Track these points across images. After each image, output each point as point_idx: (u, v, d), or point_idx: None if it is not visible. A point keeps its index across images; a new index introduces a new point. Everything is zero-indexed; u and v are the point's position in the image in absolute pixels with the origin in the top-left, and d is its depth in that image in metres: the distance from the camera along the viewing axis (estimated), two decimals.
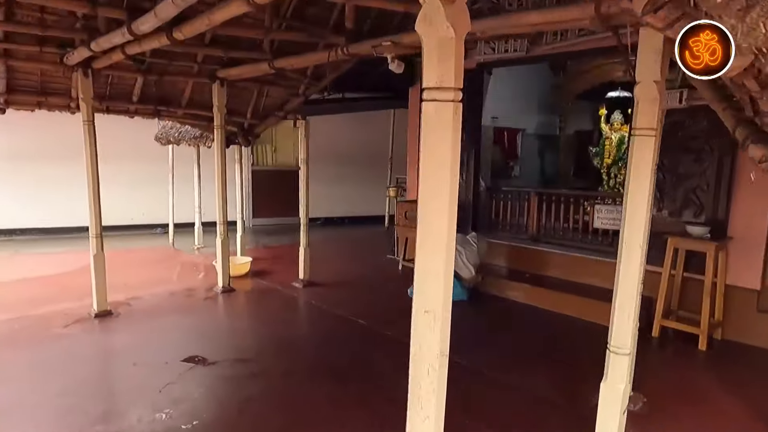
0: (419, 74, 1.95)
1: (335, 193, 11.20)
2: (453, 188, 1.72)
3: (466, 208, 6.66)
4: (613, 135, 7.83)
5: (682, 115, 4.70)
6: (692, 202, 4.70)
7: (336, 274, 6.63)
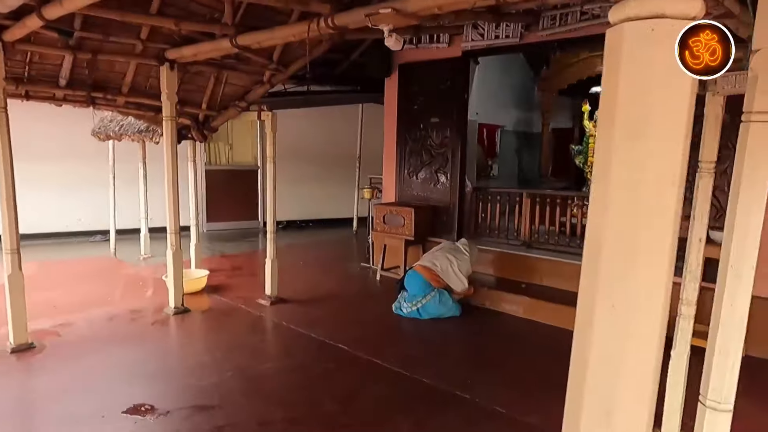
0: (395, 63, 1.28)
1: (298, 194, 10.37)
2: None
3: (450, 211, 6.05)
4: (597, 133, 7.42)
5: None
6: (710, 205, 4.25)
7: (307, 287, 5.86)
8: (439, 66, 5.97)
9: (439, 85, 6.01)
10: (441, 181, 6.10)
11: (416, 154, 6.28)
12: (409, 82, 6.27)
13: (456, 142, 5.92)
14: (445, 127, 6.01)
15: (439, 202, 6.13)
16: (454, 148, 5.94)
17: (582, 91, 7.94)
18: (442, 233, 6.13)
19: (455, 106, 5.89)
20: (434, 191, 6.17)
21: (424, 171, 6.23)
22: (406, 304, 4.86)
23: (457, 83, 5.86)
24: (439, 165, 6.09)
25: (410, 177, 6.38)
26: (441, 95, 6.00)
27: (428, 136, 6.16)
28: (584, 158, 7.60)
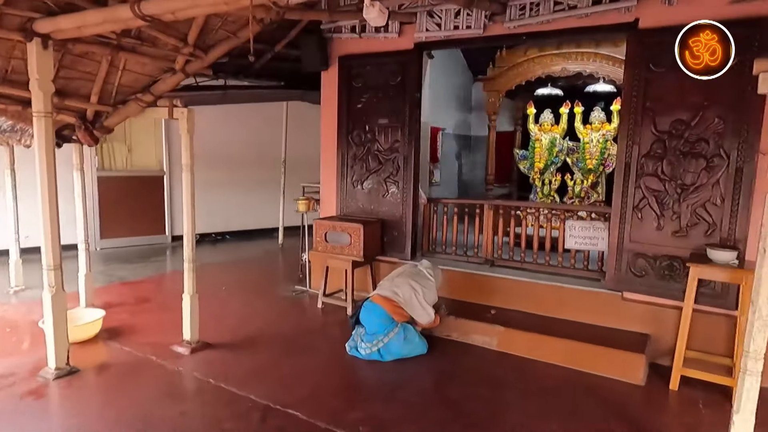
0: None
1: (213, 202, 9.08)
2: None
3: (402, 226, 5.28)
4: (543, 137, 7.06)
5: (688, 111, 3.85)
6: (702, 220, 3.87)
7: (234, 324, 4.79)
8: (388, 59, 5.17)
9: (387, 81, 5.21)
10: (391, 192, 5.31)
11: (361, 160, 5.44)
12: (351, 77, 5.41)
13: (408, 146, 5.17)
14: (395, 129, 5.23)
15: (389, 215, 5.34)
16: (406, 154, 5.18)
17: (523, 93, 7.56)
18: (393, 251, 5.35)
19: (406, 105, 5.13)
20: (383, 203, 5.37)
21: (372, 180, 5.41)
22: (364, 344, 4.01)
23: (409, 79, 5.10)
24: (389, 173, 5.30)
25: (355, 187, 5.52)
26: (390, 93, 5.21)
27: (375, 139, 5.34)
28: (530, 163, 7.22)
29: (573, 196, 6.78)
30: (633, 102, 4.05)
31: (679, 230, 3.96)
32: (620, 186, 4.16)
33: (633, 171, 4.09)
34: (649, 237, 4.07)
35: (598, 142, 6.67)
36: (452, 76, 7.90)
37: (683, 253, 3.94)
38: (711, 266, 3.51)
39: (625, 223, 4.17)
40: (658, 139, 3.98)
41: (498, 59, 6.95)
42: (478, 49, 7.93)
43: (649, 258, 4.09)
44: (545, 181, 6.98)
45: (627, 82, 4.07)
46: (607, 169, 6.72)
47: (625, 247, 4.18)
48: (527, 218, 4.99)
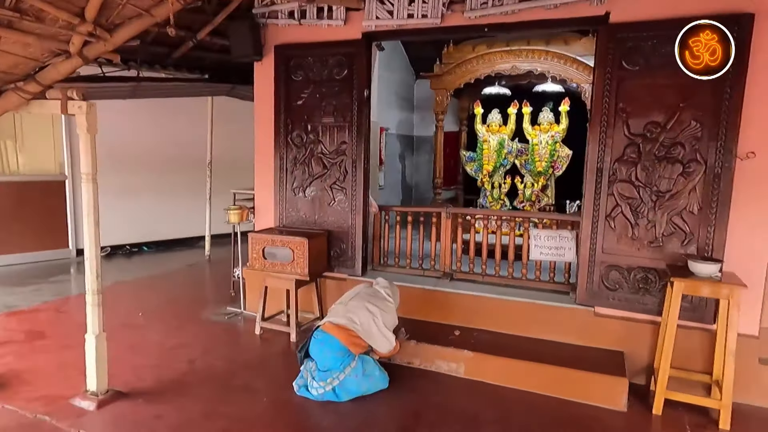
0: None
1: (127, 210, 8.02)
2: None
3: (352, 238, 4.71)
4: (491, 138, 6.75)
5: (663, 113, 3.59)
6: (678, 229, 3.63)
7: (154, 363, 3.99)
8: (332, 50, 4.57)
9: (332, 74, 4.61)
10: (338, 200, 4.71)
11: (303, 164, 4.79)
12: (290, 70, 4.75)
13: (356, 148, 4.59)
14: (341, 129, 4.63)
15: (336, 226, 4.74)
16: (355, 157, 4.61)
17: (468, 92, 7.23)
18: (341, 266, 4.76)
19: (354, 102, 4.56)
20: (329, 212, 4.76)
21: (315, 186, 4.78)
22: (316, 383, 3.40)
23: (357, 73, 4.53)
24: (335, 179, 4.70)
25: (296, 194, 4.86)
26: (335, 88, 4.61)
27: (319, 140, 4.72)
28: (478, 165, 6.90)
29: (524, 200, 6.53)
30: (605, 102, 3.74)
31: (654, 240, 3.70)
32: (592, 193, 3.85)
33: (605, 177, 3.79)
34: (623, 248, 3.79)
35: (547, 144, 6.46)
36: (394, 72, 7.42)
37: (659, 265, 3.69)
38: (695, 280, 3.25)
39: (597, 233, 3.86)
40: (632, 143, 3.70)
41: (445, 56, 6.56)
42: (422, 45, 7.53)
43: (623, 270, 3.82)
44: (495, 184, 6.68)
45: (598, 81, 3.76)
46: (557, 171, 6.53)
47: (598, 259, 3.88)
48: (488, 226, 4.58)
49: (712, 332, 3.57)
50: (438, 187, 6.81)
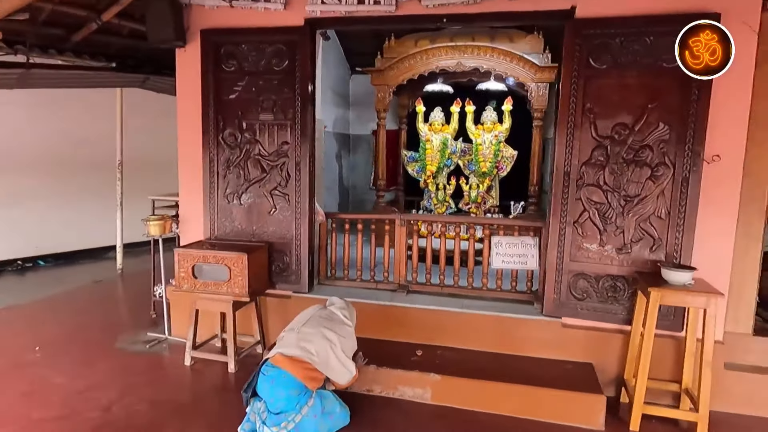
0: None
1: (19, 220, 6.87)
2: None
3: (296, 250, 4.20)
4: (434, 137, 6.48)
5: (631, 114, 3.44)
6: (647, 234, 3.50)
7: (59, 415, 3.24)
8: (271, 37, 4.02)
9: (270, 65, 4.06)
10: (280, 207, 4.17)
11: (238, 167, 4.19)
12: (220, 59, 4.12)
13: (300, 149, 4.08)
14: (282, 128, 4.10)
15: (278, 237, 4.20)
16: (299, 159, 4.09)
17: (409, 89, 6.90)
18: (285, 282, 4.23)
19: (297, 98, 4.04)
20: (270, 222, 4.21)
21: (253, 193, 4.20)
22: (268, 428, 2.88)
23: (299, 65, 4.02)
24: (276, 183, 4.15)
25: (230, 201, 4.25)
26: (274, 82, 4.06)
27: (256, 140, 4.14)
28: (421, 166, 6.60)
29: (469, 202, 6.32)
30: (572, 102, 3.53)
31: (623, 247, 3.55)
32: (559, 198, 3.64)
33: (572, 181, 3.59)
34: (591, 255, 3.62)
35: (491, 144, 6.29)
36: (329, 66, 6.91)
37: (628, 272, 3.55)
38: (673, 290, 3.12)
39: (564, 241, 3.66)
40: (600, 145, 3.52)
41: (386, 50, 6.17)
42: (358, 38, 7.09)
43: (591, 278, 3.64)
44: (439, 186, 6.42)
45: (565, 80, 3.54)
46: (501, 172, 6.39)
47: (565, 268, 3.68)
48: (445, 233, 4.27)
49: (680, 339, 3.48)
50: (381, 190, 6.42)
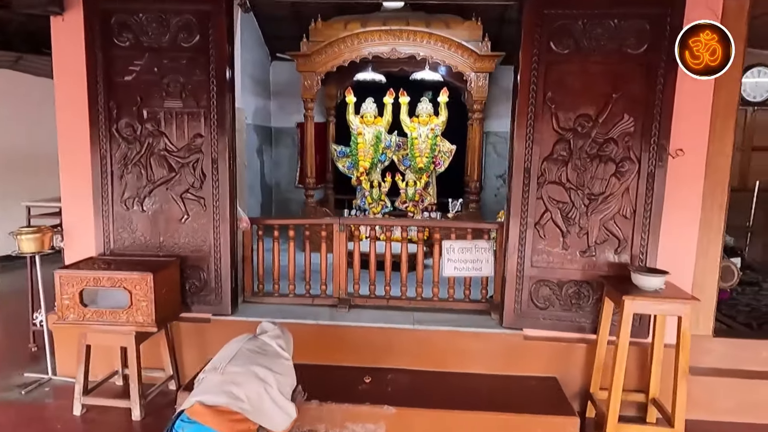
0: None
1: None
2: None
3: (214, 264, 3.51)
4: (366, 130, 5.97)
5: (595, 105, 3.15)
6: (611, 235, 3.23)
7: None
8: (176, 6, 3.28)
9: (177, 41, 3.32)
10: (193, 213, 3.45)
11: (139, 165, 3.41)
12: (112, 31, 3.30)
13: (218, 144, 3.39)
14: (194, 117, 3.38)
15: (192, 249, 3.48)
16: (216, 155, 3.39)
17: (336, 78, 6.33)
18: (202, 303, 3.53)
19: (212, 81, 3.34)
20: (182, 231, 3.47)
21: (159, 196, 3.44)
22: None
23: (214, 42, 3.32)
24: (189, 185, 3.42)
25: (129, 207, 3.46)
26: (183, 61, 3.33)
27: (161, 132, 3.39)
28: (353, 161, 6.06)
29: (406, 200, 5.89)
30: (531, 91, 3.17)
31: (587, 249, 3.26)
32: (518, 197, 3.27)
33: (533, 178, 3.24)
34: (554, 259, 3.30)
35: (427, 138, 5.89)
36: (247, 50, 6.15)
37: (592, 277, 3.27)
38: (646, 297, 2.85)
39: (525, 244, 3.31)
40: (562, 138, 3.20)
41: (312, 32, 5.55)
42: (280, 19, 6.39)
43: (554, 285, 3.33)
44: (374, 183, 5.92)
45: (524, 66, 3.17)
46: (438, 168, 6.02)
47: (526, 274, 3.33)
48: (390, 237, 3.78)
49: (645, 346, 3.26)
50: (310, 188, 5.81)
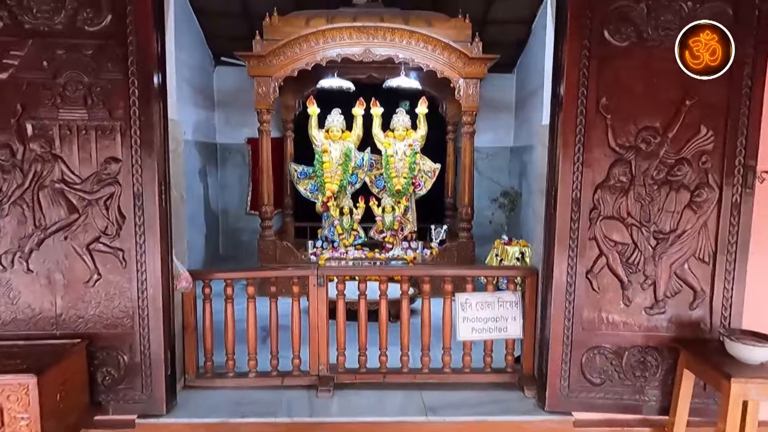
0: None
1: None
2: None
3: (138, 343, 2.44)
4: (332, 147, 5.03)
5: (662, 114, 2.38)
6: (685, 285, 2.46)
7: None
8: None
9: (76, 23, 2.27)
10: (107, 272, 2.38)
11: (22, 204, 2.31)
12: None
13: (143, 170, 2.34)
14: (105, 134, 2.33)
15: (106, 323, 2.40)
16: (140, 187, 2.35)
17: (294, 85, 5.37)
18: (123, 401, 2.45)
19: (131, 82, 2.31)
20: (89, 300, 2.38)
21: (53, 249, 2.34)
22: None
23: (134, 23, 2.29)
24: (100, 231, 2.35)
25: (6, 267, 2.32)
26: (87, 52, 2.28)
27: (56, 156, 2.31)
28: (317, 184, 5.09)
29: (384, 229, 4.98)
30: (580, 96, 2.36)
31: (654, 304, 2.47)
32: (565, 239, 2.44)
33: (584, 213, 2.42)
34: (612, 319, 2.48)
35: (405, 155, 5.04)
36: (184, 51, 5.09)
37: (661, 342, 2.48)
38: (760, 378, 2.07)
39: (573, 301, 2.48)
40: (620, 159, 2.40)
41: (267, 29, 4.58)
42: (226, 15, 5.35)
43: (611, 353, 2.51)
44: (344, 210, 4.97)
45: (571, 62, 2.36)
46: (419, 190, 5.17)
47: (576, 340, 2.50)
48: (385, 292, 2.84)
49: None
50: (267, 217, 4.78)
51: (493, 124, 6.14)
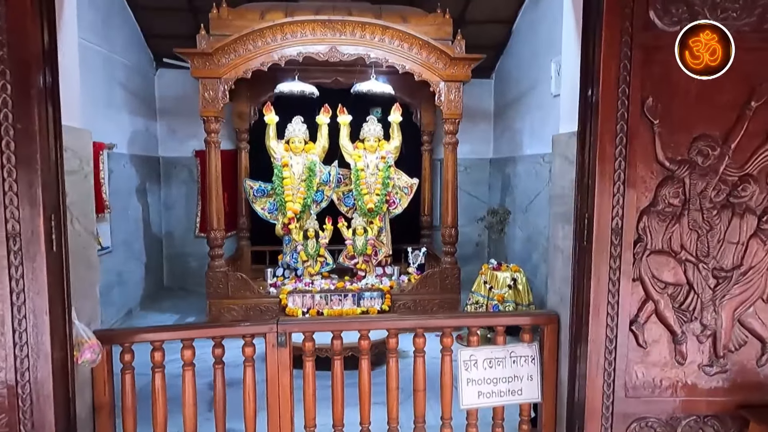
0: None
1: None
2: None
3: None
4: (293, 160, 4.38)
5: (721, 121, 1.87)
6: (752, 334, 1.94)
7: None
8: None
9: None
10: None
11: None
12: None
13: (20, 203, 1.63)
14: None
15: None
16: (15, 225, 1.64)
17: (248, 89, 4.71)
18: None
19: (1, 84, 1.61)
20: None
21: None
22: None
23: (3, 15, 1.60)
24: None
25: None
26: None
27: None
28: (277, 203, 4.41)
29: (355, 254, 4.35)
30: (621, 96, 1.82)
31: (714, 361, 1.94)
32: (603, 280, 1.88)
33: (625, 246, 1.87)
34: (661, 381, 1.94)
35: (377, 169, 4.45)
36: (118, 50, 4.34)
37: (724, 408, 1.95)
38: None
39: (614, 359, 1.91)
40: (671, 177, 1.87)
41: (215, 22, 3.90)
42: (168, 11, 4.63)
43: (663, 425, 1.96)
44: (308, 233, 4.31)
45: (608, 53, 1.81)
46: (393, 208, 4.58)
47: (617, 410, 1.93)
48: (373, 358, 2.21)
49: None
50: (216, 245, 4.06)
51: (470, 134, 5.60)
